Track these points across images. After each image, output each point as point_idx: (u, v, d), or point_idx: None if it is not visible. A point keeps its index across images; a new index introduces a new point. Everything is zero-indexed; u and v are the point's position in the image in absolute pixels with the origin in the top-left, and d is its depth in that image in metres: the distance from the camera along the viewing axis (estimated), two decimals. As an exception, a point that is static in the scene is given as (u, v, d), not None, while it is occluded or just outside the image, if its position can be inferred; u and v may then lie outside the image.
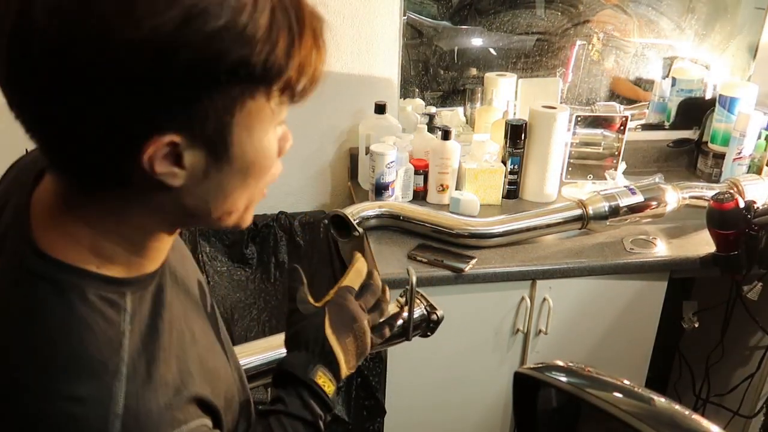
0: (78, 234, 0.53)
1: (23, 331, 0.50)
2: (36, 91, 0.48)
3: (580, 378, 0.82)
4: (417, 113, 2.03)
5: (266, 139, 0.54)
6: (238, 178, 0.54)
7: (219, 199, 0.55)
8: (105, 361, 0.50)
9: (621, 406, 0.74)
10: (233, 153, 0.52)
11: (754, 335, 1.92)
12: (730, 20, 2.17)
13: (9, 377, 0.49)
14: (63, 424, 0.47)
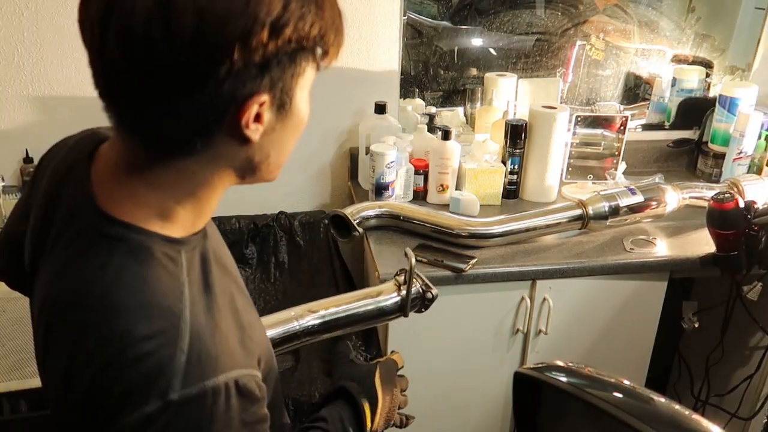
0: (146, 197, 0.61)
1: (102, 285, 0.57)
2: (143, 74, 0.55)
3: (580, 378, 0.82)
4: (417, 113, 2.03)
5: (307, 97, 0.65)
6: (291, 133, 0.65)
7: (276, 151, 0.65)
8: (171, 307, 0.57)
9: (621, 406, 0.74)
10: (292, 110, 0.63)
11: (754, 335, 1.92)
12: (730, 20, 2.17)
13: (92, 326, 0.56)
14: (138, 360, 0.54)
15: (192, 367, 0.55)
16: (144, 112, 0.57)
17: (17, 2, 1.70)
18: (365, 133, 1.87)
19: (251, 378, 0.61)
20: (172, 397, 0.54)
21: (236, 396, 0.58)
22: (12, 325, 1.39)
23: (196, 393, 0.55)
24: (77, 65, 1.78)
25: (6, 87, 1.78)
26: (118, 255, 0.58)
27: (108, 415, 0.54)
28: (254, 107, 0.58)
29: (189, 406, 0.55)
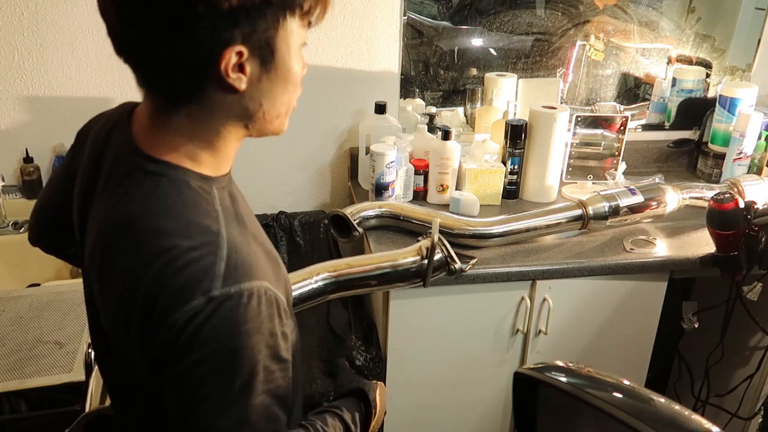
0: (175, 143, 0.72)
1: (150, 211, 0.69)
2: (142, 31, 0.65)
3: (580, 378, 0.82)
4: (417, 113, 2.03)
5: (296, 55, 0.72)
6: (280, 84, 0.72)
7: (269, 102, 0.72)
8: (210, 226, 0.69)
9: (621, 406, 0.74)
10: (277, 63, 0.70)
11: (753, 336, 1.92)
12: (731, 21, 2.17)
13: (144, 243, 0.68)
14: (186, 265, 0.66)
15: (230, 271, 0.66)
16: (147, 65, 0.68)
17: (17, 2, 1.70)
18: (365, 133, 1.87)
19: (279, 297, 0.71)
20: (214, 294, 0.65)
21: (266, 303, 0.69)
22: (12, 324, 1.39)
23: (234, 292, 0.66)
24: (77, 65, 1.79)
25: (6, 87, 1.78)
26: (162, 187, 0.70)
27: (162, 311, 0.65)
28: (231, 57, 0.66)
29: (228, 302, 0.65)
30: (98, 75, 1.80)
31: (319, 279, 1.14)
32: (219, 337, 0.66)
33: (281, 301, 0.72)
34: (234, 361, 0.67)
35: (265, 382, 0.69)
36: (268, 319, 0.69)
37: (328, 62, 1.90)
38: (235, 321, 0.66)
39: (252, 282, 0.68)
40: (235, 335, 0.66)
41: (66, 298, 1.49)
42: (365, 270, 1.14)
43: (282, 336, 0.72)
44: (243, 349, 0.67)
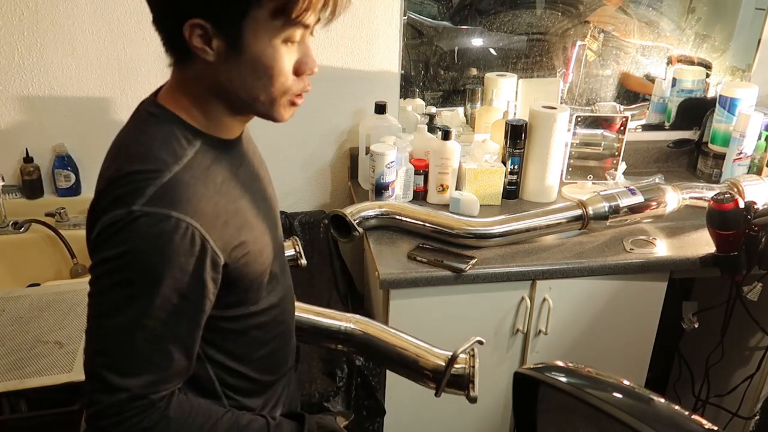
0: (176, 96, 0.82)
1: (131, 140, 0.81)
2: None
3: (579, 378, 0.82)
4: (417, 113, 2.03)
5: (271, 47, 0.76)
6: (249, 70, 0.77)
7: (239, 83, 0.79)
8: (166, 159, 0.77)
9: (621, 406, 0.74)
10: (244, 48, 0.76)
11: (753, 336, 1.92)
12: (731, 21, 2.17)
13: (116, 166, 0.78)
14: (126, 183, 0.75)
15: (158, 195, 0.74)
16: (156, 29, 0.80)
17: (17, 2, 1.70)
18: (365, 133, 1.87)
19: (210, 244, 0.77)
20: (135, 208, 0.73)
21: (187, 240, 0.75)
22: (12, 324, 1.39)
23: (152, 212, 0.73)
24: (77, 65, 1.79)
25: (6, 87, 1.78)
26: (150, 125, 0.81)
27: (97, 216, 0.76)
28: (195, 29, 0.74)
29: (144, 219, 0.73)
30: (98, 75, 1.80)
31: (348, 326, 1.16)
32: (128, 246, 0.73)
33: (210, 249, 0.77)
34: (134, 270, 0.74)
35: (161, 309, 0.75)
36: (183, 254, 0.75)
37: (328, 62, 1.90)
38: (147, 237, 0.73)
39: (178, 213, 0.74)
40: (144, 250, 0.73)
41: (66, 298, 1.49)
42: (390, 344, 1.15)
43: (196, 278, 0.77)
44: (147, 266, 0.74)
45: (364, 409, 1.69)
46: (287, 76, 0.79)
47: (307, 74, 0.81)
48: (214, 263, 0.79)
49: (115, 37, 1.78)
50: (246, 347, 0.92)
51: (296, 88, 0.81)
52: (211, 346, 0.88)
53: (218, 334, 0.88)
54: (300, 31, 0.77)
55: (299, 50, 0.80)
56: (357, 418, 1.69)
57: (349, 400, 1.68)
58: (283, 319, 0.98)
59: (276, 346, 0.97)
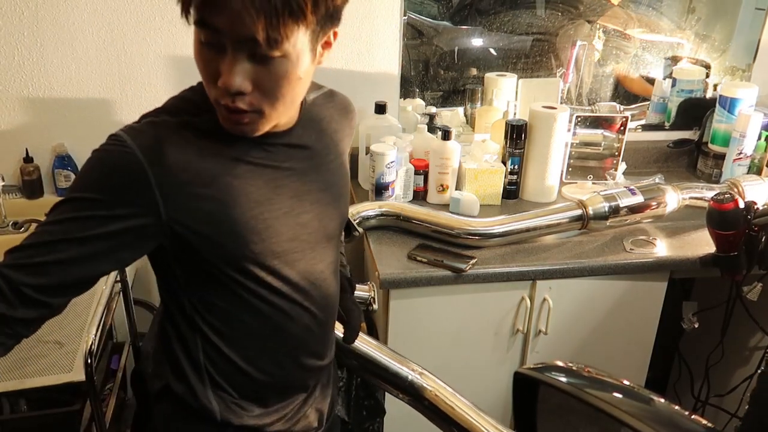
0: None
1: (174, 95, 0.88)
2: None
3: (580, 378, 0.82)
4: (417, 113, 2.03)
5: (195, 46, 0.77)
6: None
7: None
8: (171, 111, 0.84)
9: (621, 406, 0.74)
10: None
11: (753, 336, 1.92)
12: (731, 20, 2.17)
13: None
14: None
15: (132, 129, 0.80)
16: None
17: (17, 2, 1.70)
18: (365, 133, 1.87)
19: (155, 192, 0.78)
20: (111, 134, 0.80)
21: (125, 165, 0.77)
22: (12, 324, 1.39)
23: (115, 134, 0.79)
24: (77, 65, 1.78)
25: (6, 87, 1.78)
26: (191, 88, 0.88)
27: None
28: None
29: (107, 140, 0.79)
30: (98, 75, 1.80)
31: (417, 379, 1.18)
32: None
33: (148, 191, 0.78)
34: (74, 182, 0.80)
35: (56, 219, 0.77)
36: (111, 176, 0.78)
37: (328, 62, 1.88)
38: (95, 153, 0.79)
39: (134, 142, 0.78)
40: (86, 166, 0.79)
41: (66, 298, 1.49)
42: (452, 413, 1.19)
43: (103, 206, 0.77)
44: (79, 176, 0.80)
45: (364, 409, 1.69)
46: (209, 81, 0.77)
47: (219, 87, 0.76)
48: (144, 202, 0.78)
49: (115, 37, 1.78)
50: (232, 328, 0.91)
51: (219, 99, 0.77)
52: (196, 312, 0.89)
53: (202, 302, 0.89)
54: (204, 32, 0.73)
55: (219, 61, 0.75)
56: (357, 418, 1.69)
57: (349, 400, 1.68)
58: (289, 328, 0.94)
59: (275, 347, 0.95)
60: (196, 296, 0.89)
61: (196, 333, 0.90)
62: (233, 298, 0.88)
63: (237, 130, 0.81)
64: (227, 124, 0.80)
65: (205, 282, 0.87)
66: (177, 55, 1.80)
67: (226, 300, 0.89)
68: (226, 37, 0.72)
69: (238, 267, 0.86)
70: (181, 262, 0.86)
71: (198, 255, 0.84)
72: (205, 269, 0.85)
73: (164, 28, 1.78)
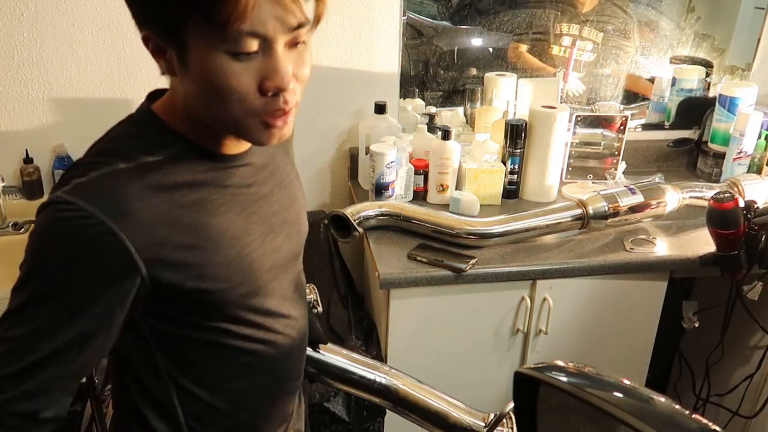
0: (170, 105, 0.77)
1: (107, 133, 0.77)
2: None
3: (580, 378, 0.82)
4: (417, 113, 2.03)
5: (213, 61, 0.67)
6: (201, 86, 0.69)
7: (196, 99, 0.72)
8: (120, 156, 0.71)
9: (621, 406, 0.74)
10: (191, 61, 0.68)
11: (754, 335, 1.92)
12: (731, 20, 2.17)
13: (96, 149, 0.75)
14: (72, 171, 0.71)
15: (80, 187, 0.68)
16: None
17: (17, 2, 1.70)
18: (365, 133, 1.87)
19: (129, 253, 0.68)
20: (55, 195, 0.68)
21: (90, 236, 0.66)
22: (12, 325, 1.39)
23: (63, 199, 0.67)
24: (77, 65, 1.79)
25: (6, 87, 1.78)
26: (131, 122, 0.78)
27: None
28: (147, 40, 0.70)
29: (53, 206, 0.68)
30: (98, 75, 1.80)
31: (384, 380, 1.14)
32: (33, 233, 0.70)
33: (120, 253, 0.67)
34: (26, 258, 0.70)
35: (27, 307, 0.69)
36: (74, 248, 0.67)
37: (328, 62, 1.90)
38: (44, 223, 0.68)
39: (91, 206, 0.66)
40: (37, 238, 0.69)
41: (66, 298, 1.49)
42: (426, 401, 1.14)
43: (82, 282, 0.68)
44: (33, 253, 0.70)
45: (364, 409, 1.69)
46: (244, 95, 0.68)
47: (272, 91, 0.69)
48: (123, 270, 0.68)
49: (115, 37, 1.78)
50: (217, 376, 0.84)
51: (265, 107, 0.70)
52: (174, 368, 0.81)
53: (180, 358, 0.81)
54: (249, 42, 0.66)
55: (264, 64, 0.68)
56: (357, 418, 1.69)
57: (348, 400, 1.68)
58: (275, 359, 0.89)
59: (263, 382, 0.89)
60: (173, 353, 0.80)
61: (172, 390, 0.82)
62: (215, 344, 0.81)
63: (278, 136, 0.73)
64: (266, 136, 0.73)
65: (181, 336, 0.79)
66: (177, 56, 1.80)
67: (209, 351, 0.82)
68: (275, 35, 0.67)
69: (222, 314, 0.80)
70: (151, 321, 0.77)
71: (177, 311, 0.76)
72: (183, 324, 0.78)
73: (164, 28, 1.78)
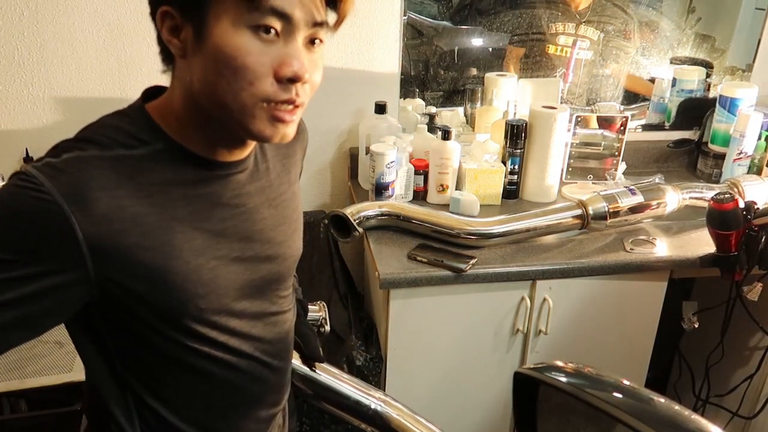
0: (164, 103, 0.74)
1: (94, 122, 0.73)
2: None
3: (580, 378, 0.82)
4: (417, 113, 2.03)
5: (237, 37, 0.65)
6: (213, 66, 0.67)
7: (202, 82, 0.69)
8: (98, 144, 0.69)
9: (621, 406, 0.74)
10: (208, 36, 0.66)
11: (754, 336, 1.92)
12: (731, 21, 2.17)
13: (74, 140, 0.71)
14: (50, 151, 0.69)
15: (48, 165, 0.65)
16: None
17: (17, 2, 1.70)
18: (365, 133, 1.87)
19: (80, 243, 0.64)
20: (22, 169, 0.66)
21: (38, 213, 0.63)
22: (12, 324, 1.39)
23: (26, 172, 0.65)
24: (77, 65, 1.79)
25: (6, 87, 1.78)
26: (117, 114, 0.74)
27: None
28: (165, 18, 0.67)
29: (15, 176, 0.65)
30: (98, 75, 1.80)
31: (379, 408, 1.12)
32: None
33: (69, 242, 0.64)
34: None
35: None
36: (18, 221, 0.63)
37: (328, 62, 1.90)
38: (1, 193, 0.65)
39: (50, 183, 0.63)
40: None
41: (66, 298, 1.49)
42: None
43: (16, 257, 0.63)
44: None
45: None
46: (258, 76, 0.66)
47: (288, 77, 0.67)
48: (66, 258, 0.65)
49: (115, 37, 1.78)
50: (172, 390, 0.80)
51: (276, 95, 0.68)
52: (130, 374, 0.78)
53: (135, 363, 0.77)
54: (273, 20, 0.65)
55: (283, 50, 0.67)
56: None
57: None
58: (239, 383, 0.84)
59: (224, 406, 0.85)
60: (128, 357, 0.77)
61: (129, 400, 0.79)
62: (172, 358, 0.77)
63: (282, 133, 0.71)
64: (270, 129, 0.70)
65: (137, 343, 0.75)
66: (177, 55, 1.80)
67: (165, 360, 0.77)
68: (299, 22, 0.67)
69: (178, 326, 0.75)
70: (107, 323, 0.74)
71: (130, 315, 0.72)
72: (138, 330, 0.74)
73: (164, 28, 1.78)
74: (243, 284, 0.80)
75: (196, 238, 0.73)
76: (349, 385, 1.13)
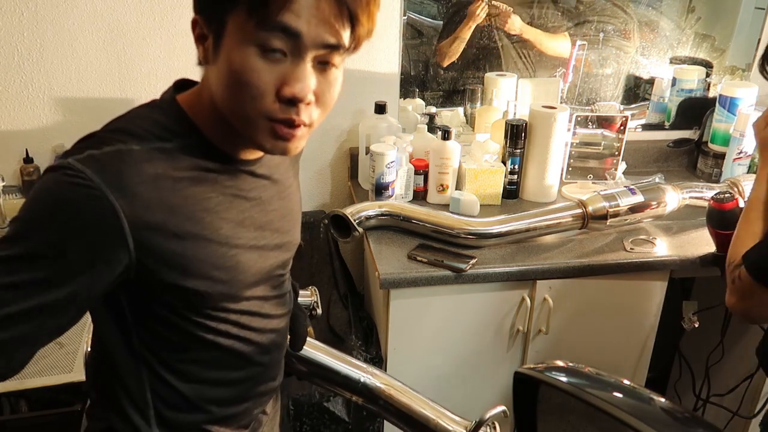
0: (195, 97, 0.78)
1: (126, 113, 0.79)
2: None
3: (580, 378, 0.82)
4: (417, 113, 2.03)
5: (244, 55, 0.68)
6: (224, 77, 0.71)
7: (217, 90, 0.73)
8: (133, 136, 0.73)
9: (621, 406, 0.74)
10: (222, 49, 0.70)
11: (754, 335, 1.92)
12: (731, 20, 2.17)
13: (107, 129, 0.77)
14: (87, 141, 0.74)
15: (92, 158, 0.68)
16: None
17: (17, 2, 1.70)
18: (365, 133, 1.87)
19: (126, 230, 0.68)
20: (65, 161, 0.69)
21: (91, 205, 0.67)
22: (12, 325, 1.39)
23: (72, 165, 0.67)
24: (77, 65, 1.79)
25: (6, 87, 1.78)
26: (149, 106, 0.79)
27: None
28: (195, 25, 0.73)
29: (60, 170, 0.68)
30: (98, 75, 1.80)
31: (368, 380, 1.15)
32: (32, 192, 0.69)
33: (118, 228, 0.68)
34: (21, 215, 0.68)
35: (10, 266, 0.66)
36: (74, 214, 0.66)
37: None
38: (46, 185, 0.68)
39: (99, 178, 0.67)
40: (36, 197, 0.68)
41: (66, 298, 1.49)
42: (409, 405, 1.15)
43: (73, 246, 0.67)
44: (30, 212, 0.68)
45: (364, 409, 1.69)
46: (261, 93, 0.69)
47: (287, 98, 0.69)
48: (114, 247, 0.69)
49: (115, 37, 1.78)
50: (189, 364, 0.85)
51: (277, 113, 0.71)
52: (145, 348, 0.82)
53: (154, 338, 0.81)
54: (281, 39, 0.67)
55: (288, 70, 0.69)
56: (357, 417, 1.69)
57: (348, 400, 1.68)
58: (252, 357, 0.90)
59: (236, 379, 0.90)
60: (147, 333, 0.81)
61: (143, 370, 0.83)
62: (191, 336, 0.82)
63: (282, 148, 0.74)
64: (271, 143, 0.73)
65: (159, 322, 0.80)
66: (177, 55, 1.80)
67: (184, 337, 0.82)
68: (306, 43, 0.68)
69: (200, 310, 0.81)
70: (132, 303, 0.78)
71: (156, 298, 0.77)
72: (161, 311, 0.79)
73: (164, 28, 1.78)
74: (257, 270, 0.85)
75: (222, 228, 0.79)
76: (338, 360, 1.17)
